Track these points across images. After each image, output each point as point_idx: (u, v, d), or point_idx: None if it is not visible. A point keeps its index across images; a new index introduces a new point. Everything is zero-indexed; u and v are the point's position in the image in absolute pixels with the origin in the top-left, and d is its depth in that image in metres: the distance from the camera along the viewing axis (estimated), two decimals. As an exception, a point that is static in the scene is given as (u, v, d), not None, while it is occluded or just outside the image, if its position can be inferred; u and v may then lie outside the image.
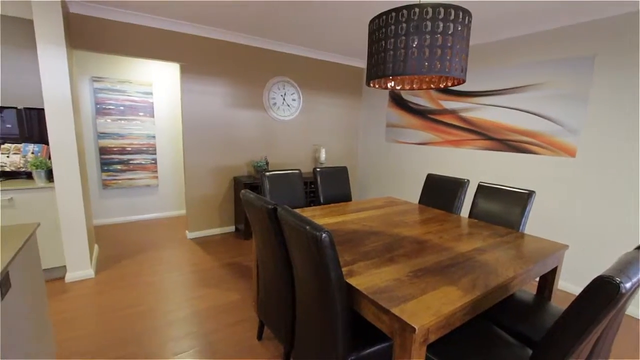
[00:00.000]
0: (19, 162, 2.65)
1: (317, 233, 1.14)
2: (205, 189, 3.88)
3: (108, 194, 4.26)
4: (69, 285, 2.70)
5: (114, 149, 4.14)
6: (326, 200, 2.92)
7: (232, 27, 3.46)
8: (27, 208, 2.53)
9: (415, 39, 1.33)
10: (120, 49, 3.13)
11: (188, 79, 3.54)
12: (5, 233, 1.45)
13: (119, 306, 2.43)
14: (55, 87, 2.46)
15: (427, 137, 4.03)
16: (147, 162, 4.38)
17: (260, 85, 4.03)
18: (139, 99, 4.19)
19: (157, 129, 4.41)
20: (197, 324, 2.25)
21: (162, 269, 3.07)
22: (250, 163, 4.15)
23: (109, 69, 4.01)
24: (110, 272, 2.96)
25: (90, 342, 2.04)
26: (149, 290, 2.67)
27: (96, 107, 3.96)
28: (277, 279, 1.70)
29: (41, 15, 2.34)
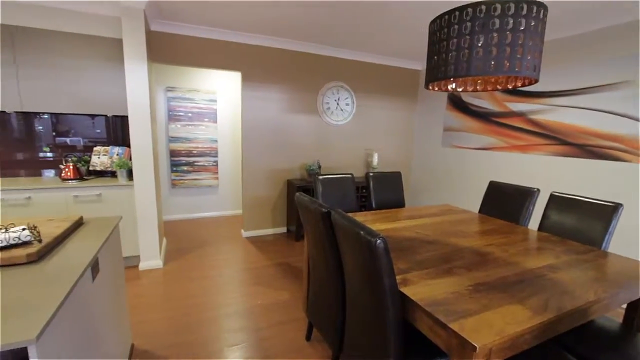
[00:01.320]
0: (107, 162, 3.04)
1: (372, 238, 1.13)
2: (260, 191, 4.07)
3: (176, 193, 4.68)
4: (142, 273, 3.02)
5: (182, 151, 4.55)
6: (378, 205, 2.87)
7: (289, 36, 3.60)
8: (112, 202, 2.90)
9: (481, 37, 1.25)
10: (190, 61, 3.45)
11: (248, 86, 3.76)
12: (96, 224, 1.67)
13: (182, 295, 2.65)
14: (138, 96, 2.78)
15: (489, 142, 3.75)
16: (209, 164, 4.74)
17: (314, 90, 4.12)
18: (205, 106, 4.56)
19: (219, 134, 4.75)
20: (249, 320, 2.35)
21: (219, 264, 3.28)
22: (303, 166, 4.25)
23: (180, 79, 4.43)
24: (176, 264, 3.24)
25: (158, 325, 2.25)
26: (208, 283, 2.87)
27: (169, 114, 4.40)
28: (327, 282, 1.71)
29: (129, 35, 2.68)
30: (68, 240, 1.43)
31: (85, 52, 2.82)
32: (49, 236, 1.33)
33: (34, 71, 2.70)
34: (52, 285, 1.04)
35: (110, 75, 2.91)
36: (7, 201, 2.59)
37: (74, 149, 3.20)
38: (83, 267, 1.17)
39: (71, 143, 3.19)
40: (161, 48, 3.31)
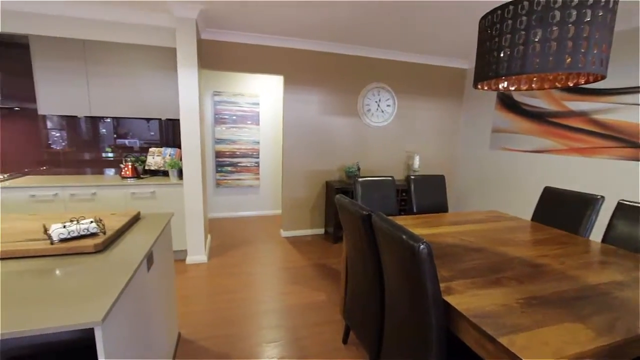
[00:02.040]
0: (160, 162, 3.28)
1: (415, 244, 1.09)
2: (299, 192, 4.14)
3: (220, 192, 4.92)
4: (188, 267, 3.20)
5: (227, 152, 4.77)
6: (419, 209, 2.78)
7: (330, 38, 3.63)
8: (164, 199, 3.12)
9: (539, 32, 1.16)
10: (236, 67, 3.61)
11: (289, 89, 3.84)
12: (150, 219, 1.81)
13: (224, 290, 2.77)
14: (188, 101, 2.97)
15: (544, 144, 3.47)
16: (251, 165, 4.91)
17: (355, 92, 4.10)
18: (248, 109, 4.74)
19: (261, 136, 4.91)
20: (286, 318, 2.39)
21: (259, 262, 3.38)
22: (342, 168, 4.25)
23: (226, 84, 4.65)
24: (219, 260, 3.40)
25: (202, 317, 2.37)
26: (248, 280, 2.97)
27: (215, 117, 4.64)
28: (366, 286, 1.69)
29: (182, 44, 2.87)
30: (127, 233, 1.56)
31: (143, 61, 3.07)
32: (112, 229, 1.47)
33: (101, 80, 3.00)
34: (115, 273, 1.14)
35: (164, 82, 3.14)
36: (77, 196, 2.90)
37: (131, 149, 3.50)
38: (140, 258, 1.27)
39: (129, 144, 3.49)
40: (210, 55, 3.50)
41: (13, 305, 0.94)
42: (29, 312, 0.90)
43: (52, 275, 1.12)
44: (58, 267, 1.19)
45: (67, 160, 3.36)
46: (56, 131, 3.29)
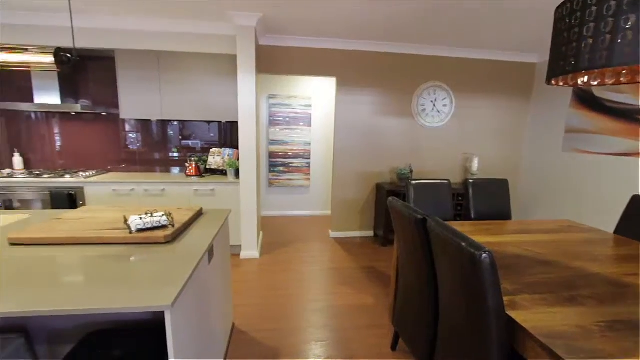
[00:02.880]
0: (220, 162, 3.52)
1: (476, 252, 1.02)
2: (349, 193, 4.13)
3: (272, 191, 5.11)
4: (242, 261, 3.38)
5: (279, 153, 4.94)
6: (478, 215, 2.60)
7: (384, 38, 3.57)
8: (222, 197, 3.33)
9: (631, 17, 1.01)
10: (291, 70, 3.72)
11: (342, 91, 3.86)
12: (212, 215, 1.94)
13: (274, 286, 2.87)
14: (246, 105, 3.14)
15: (631, 146, 3.02)
16: (302, 166, 5.03)
17: (409, 92, 3.98)
18: (301, 111, 4.86)
19: (312, 137, 5.00)
20: (334, 318, 2.40)
21: (308, 261, 3.44)
22: (393, 170, 4.15)
23: (280, 87, 4.82)
24: (270, 257, 3.53)
25: (254, 310, 2.48)
26: (298, 277, 3.04)
27: (269, 119, 4.83)
28: (418, 293, 1.62)
29: (242, 50, 3.05)
30: (192, 226, 1.70)
31: (207, 69, 3.32)
32: (179, 222, 1.61)
33: (171, 86, 3.31)
34: (181, 263, 1.25)
35: (225, 87, 3.36)
36: (149, 191, 3.23)
37: (193, 150, 3.80)
38: (203, 250, 1.37)
39: (192, 145, 3.79)
40: (267, 60, 3.66)
41: (98, 284, 1.07)
42: (110, 291, 1.03)
43: (129, 261, 1.26)
44: (134, 254, 1.33)
45: (141, 159, 3.76)
46: (132, 133, 3.70)
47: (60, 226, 1.54)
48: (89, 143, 3.66)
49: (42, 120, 3.55)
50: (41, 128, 3.57)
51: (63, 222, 1.60)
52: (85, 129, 3.62)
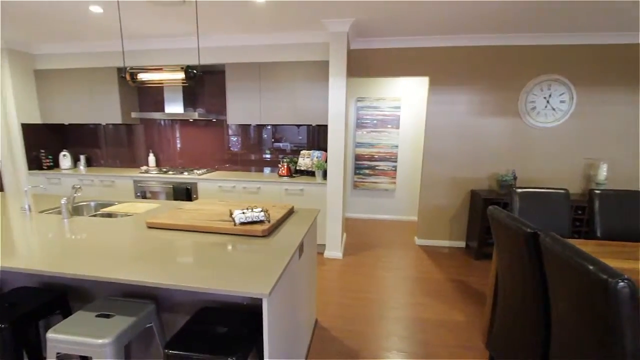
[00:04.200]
0: (309, 163, 3.69)
1: (610, 279, 0.84)
2: (438, 199, 3.87)
3: (356, 193, 5.13)
4: (326, 260, 3.47)
5: (365, 156, 4.94)
6: (606, 234, 2.14)
7: (484, 30, 3.24)
8: (310, 197, 3.49)
9: None
10: (381, 72, 3.69)
11: (435, 90, 3.65)
12: (302, 213, 2.05)
13: (356, 288, 2.87)
14: (336, 108, 3.24)
15: None
16: (388, 169, 4.92)
17: (515, 88, 3.53)
18: (389, 113, 4.77)
19: (400, 139, 4.85)
20: (418, 331, 2.27)
21: (392, 266, 3.34)
22: (492, 176, 3.73)
23: (369, 90, 4.81)
24: (353, 258, 3.55)
25: (336, 309, 2.53)
26: (380, 282, 2.98)
27: (357, 122, 4.87)
28: (523, 318, 1.42)
29: (334, 56, 3.15)
30: (285, 223, 1.82)
31: (300, 75, 3.52)
32: (274, 218, 1.74)
33: (268, 94, 3.61)
34: (276, 256, 1.35)
35: (315, 92, 3.51)
36: (247, 189, 3.59)
37: (284, 152, 4.07)
38: (295, 246, 1.46)
39: (282, 147, 4.07)
40: (357, 64, 3.70)
41: (209, 267, 1.24)
42: (219, 275, 1.17)
43: (233, 250, 1.42)
44: (237, 244, 1.50)
45: (240, 159, 4.20)
46: (234, 137, 4.16)
47: (182, 215, 1.83)
48: (201, 145, 4.26)
49: (169, 126, 4.29)
50: (168, 133, 4.31)
51: (184, 212, 1.90)
52: (198, 133, 4.23)
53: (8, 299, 1.44)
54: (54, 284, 1.63)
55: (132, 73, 1.84)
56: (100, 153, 4.54)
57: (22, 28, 3.34)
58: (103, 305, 1.39)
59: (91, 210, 2.43)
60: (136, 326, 1.32)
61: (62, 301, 1.52)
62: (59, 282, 1.62)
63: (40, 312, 1.41)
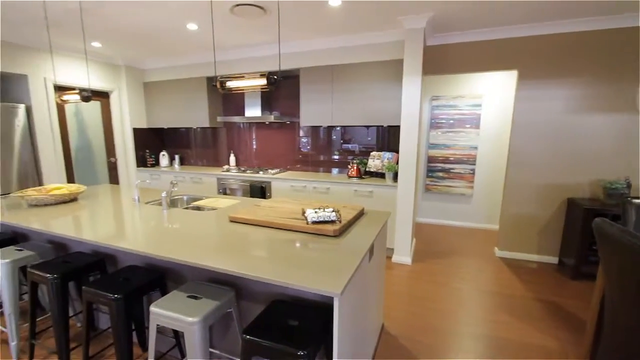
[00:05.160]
0: (379, 165, 3.63)
1: None
2: (525, 207, 3.45)
3: (428, 197, 4.88)
4: (393, 265, 3.37)
5: (439, 158, 4.66)
6: None
7: (584, 13, 2.78)
8: (379, 199, 3.43)
9: None
10: (461, 68, 3.44)
11: (524, 85, 3.26)
12: (372, 215, 2.03)
13: (425, 296, 2.72)
14: (410, 108, 3.13)
15: None
16: (465, 172, 4.56)
17: (630, 78, 2.96)
18: (468, 112, 4.42)
19: (480, 140, 4.46)
20: (499, 353, 2.05)
21: (466, 277, 3.09)
22: (597, 183, 3.18)
23: (445, 88, 4.53)
24: (422, 265, 3.38)
25: (403, 316, 2.43)
26: (452, 293, 2.78)
27: (431, 122, 4.63)
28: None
29: (409, 54, 3.04)
30: (355, 224, 1.82)
31: (371, 76, 3.48)
32: (345, 219, 1.76)
33: (340, 95, 3.66)
34: (347, 257, 1.36)
35: (387, 92, 3.43)
36: (317, 189, 3.69)
37: (352, 153, 4.06)
38: (366, 247, 1.45)
39: (351, 148, 4.07)
40: (434, 61, 3.52)
41: (283, 262, 1.30)
42: (290, 269, 1.22)
43: (305, 247, 1.47)
44: (309, 242, 1.55)
45: (309, 160, 4.34)
46: (305, 138, 4.31)
47: (259, 211, 1.96)
48: (274, 146, 4.51)
49: (247, 129, 4.64)
50: (246, 135, 4.67)
51: (260, 209, 2.03)
52: (272, 135, 4.49)
53: (122, 274, 1.73)
54: (155, 265, 1.90)
55: (221, 81, 2.04)
56: (190, 153, 5.14)
57: (136, 47, 3.97)
58: (192, 288, 1.57)
59: (184, 203, 2.76)
60: (219, 310, 1.45)
61: (160, 280, 1.75)
62: (159, 263, 1.88)
63: (145, 288, 1.65)
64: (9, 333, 1.95)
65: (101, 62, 4.36)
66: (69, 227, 1.84)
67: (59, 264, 1.85)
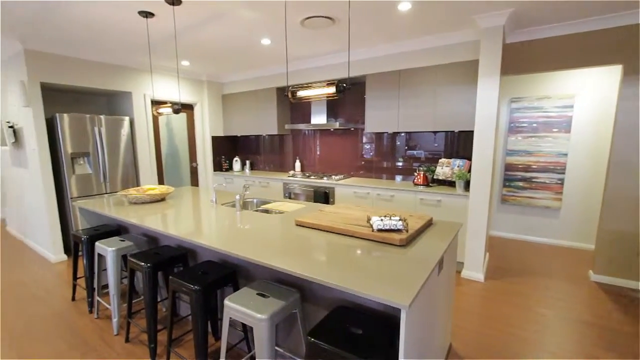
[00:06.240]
0: (448, 173, 3.42)
1: None
2: (629, 224, 2.91)
3: (505, 209, 4.42)
4: (463, 280, 3.12)
5: (519, 166, 4.21)
6: None
7: None
8: (448, 209, 3.22)
9: None
10: (549, 65, 3.07)
11: (631, 82, 2.78)
12: (441, 226, 1.91)
13: (501, 319, 2.45)
14: (486, 112, 2.90)
15: None
16: (551, 182, 4.04)
17: None
18: (555, 114, 3.92)
19: (570, 146, 3.92)
20: (601, 396, 1.75)
21: (550, 301, 2.71)
22: None
23: (527, 88, 4.09)
24: (497, 283, 3.06)
25: (474, 339, 2.22)
26: (535, 318, 2.46)
27: (509, 126, 4.22)
28: None
29: (486, 54, 2.83)
30: (423, 235, 1.74)
31: (441, 79, 3.31)
32: (412, 228, 1.69)
33: (407, 101, 3.55)
34: (415, 268, 1.30)
35: (459, 95, 3.23)
36: (381, 196, 3.62)
37: (418, 160, 3.89)
38: (436, 259, 1.37)
39: (417, 155, 3.90)
40: (514, 59, 3.21)
41: (346, 268, 1.30)
42: (355, 276, 1.21)
43: (369, 255, 1.45)
44: (374, 250, 1.52)
45: (373, 167, 4.28)
46: (367, 144, 4.27)
47: (324, 217, 2.00)
48: (338, 152, 4.56)
49: (311, 136, 4.78)
50: (310, 141, 4.81)
51: (325, 214, 2.07)
52: (336, 141, 4.55)
53: (201, 268, 1.91)
54: (228, 262, 2.06)
55: (292, 91, 2.15)
56: (259, 159, 5.48)
57: (217, 64, 4.40)
58: (261, 286, 1.66)
59: (254, 206, 2.94)
60: (285, 309, 1.51)
61: (233, 276, 1.89)
62: (232, 260, 2.03)
63: (220, 282, 1.80)
64: (112, 310, 2.29)
65: (188, 78, 4.92)
66: (159, 223, 2.10)
67: (152, 254, 2.12)
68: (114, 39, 3.30)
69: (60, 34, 3.13)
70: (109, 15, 2.68)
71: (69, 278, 3.26)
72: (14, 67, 3.57)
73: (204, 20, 2.82)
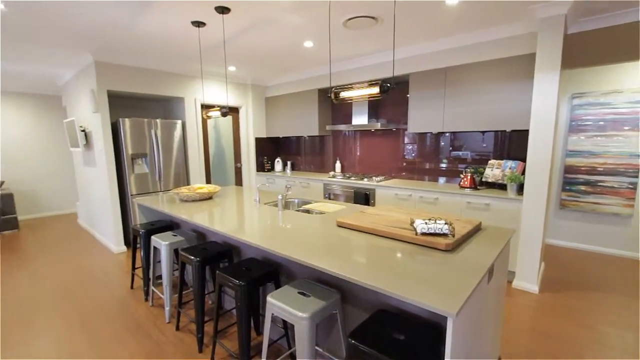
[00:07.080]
0: (498, 175, 3.21)
1: None
2: None
3: (564, 215, 4.04)
4: (514, 291, 2.91)
5: (582, 168, 3.82)
6: None
7: None
8: (498, 213, 3.02)
9: None
10: (619, 57, 2.76)
11: None
12: (491, 232, 1.80)
13: (558, 335, 2.24)
14: (543, 109, 2.67)
15: None
16: (621, 187, 3.61)
17: None
18: (627, 111, 3.50)
19: (645, 147, 3.48)
20: None
21: (621, 320, 2.42)
22: None
23: (592, 83, 3.70)
24: (552, 296, 2.81)
25: (523, 352, 2.06)
26: (599, 338, 2.21)
27: (570, 125, 3.85)
28: None
29: (544, 47, 2.61)
30: (470, 240, 1.65)
31: (491, 75, 3.11)
32: (459, 233, 1.61)
33: (454, 100, 3.39)
34: (462, 275, 1.24)
35: (512, 93, 3.01)
36: (424, 199, 3.49)
37: (463, 161, 3.69)
38: (486, 267, 1.29)
39: (462, 156, 3.70)
40: (577, 51, 2.93)
41: (388, 271, 1.27)
42: (398, 280, 1.18)
43: (412, 259, 1.41)
44: (417, 254, 1.47)
45: (415, 168, 4.14)
46: (410, 145, 4.14)
47: (365, 218, 1.98)
48: (379, 153, 4.48)
49: (352, 137, 4.76)
50: (350, 142, 4.78)
51: (366, 216, 2.05)
52: (376, 142, 4.48)
53: (245, 264, 1.98)
54: (270, 260, 2.12)
55: (335, 92, 2.15)
56: (300, 159, 5.57)
57: (261, 68, 4.55)
58: (302, 285, 1.69)
59: (295, 206, 3.00)
60: (325, 309, 1.51)
61: (275, 274, 1.94)
62: (274, 258, 2.09)
63: (263, 279, 1.86)
64: (165, 300, 2.47)
65: (234, 82, 5.16)
66: (207, 220, 2.22)
67: (200, 249, 2.25)
68: (170, 49, 3.56)
69: (124, 47, 3.45)
70: (166, 27, 2.90)
71: (128, 268, 3.58)
72: (86, 78, 4.00)
73: (250, 26, 2.93)
